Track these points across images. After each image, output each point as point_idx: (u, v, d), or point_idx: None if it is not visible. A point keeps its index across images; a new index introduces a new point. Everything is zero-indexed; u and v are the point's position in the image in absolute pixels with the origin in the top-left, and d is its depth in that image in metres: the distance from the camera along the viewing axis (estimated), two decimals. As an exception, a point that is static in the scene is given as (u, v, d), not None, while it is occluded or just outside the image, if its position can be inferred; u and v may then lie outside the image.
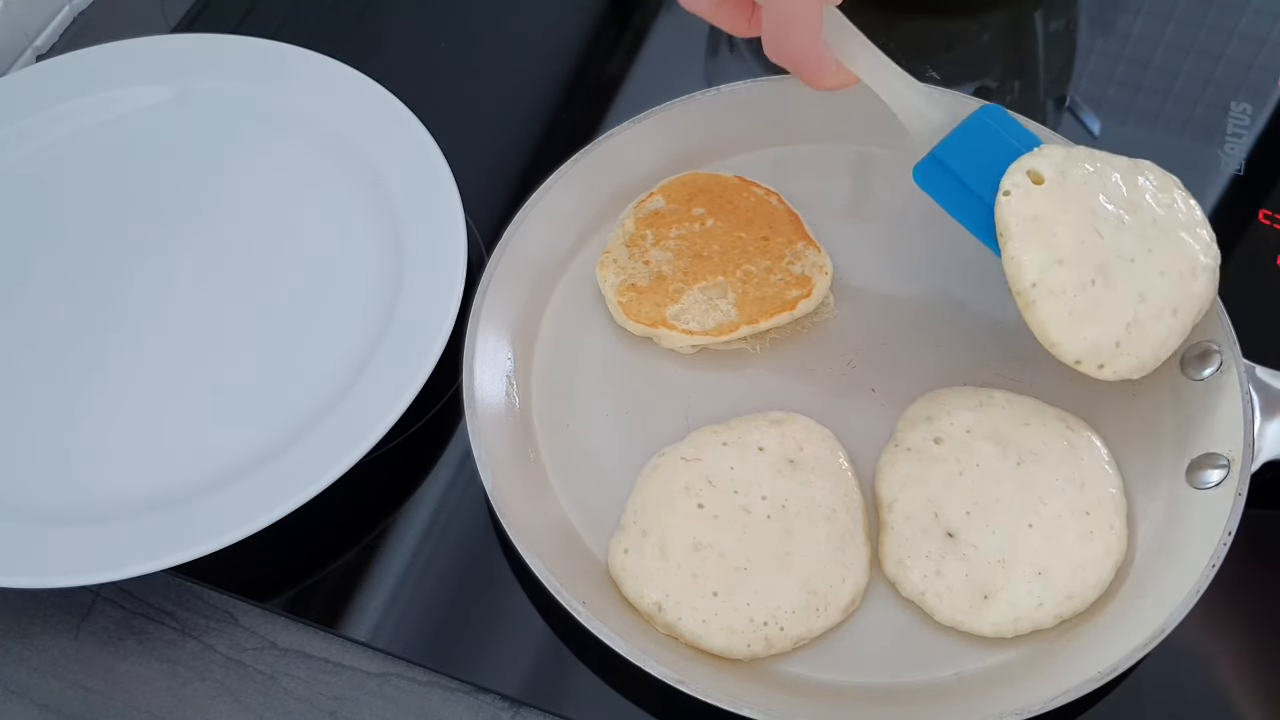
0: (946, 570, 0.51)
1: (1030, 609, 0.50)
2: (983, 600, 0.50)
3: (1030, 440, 0.54)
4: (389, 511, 0.56)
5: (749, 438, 0.54)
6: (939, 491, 0.53)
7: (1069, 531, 0.51)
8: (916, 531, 0.52)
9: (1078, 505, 0.52)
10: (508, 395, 0.57)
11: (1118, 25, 0.75)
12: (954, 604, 0.50)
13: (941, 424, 0.55)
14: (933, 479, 0.53)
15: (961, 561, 0.51)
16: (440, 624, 0.53)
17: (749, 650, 0.50)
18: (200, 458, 0.55)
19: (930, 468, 0.53)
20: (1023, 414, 0.55)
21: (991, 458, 0.53)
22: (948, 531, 0.52)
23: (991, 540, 0.51)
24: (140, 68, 0.69)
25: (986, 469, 0.53)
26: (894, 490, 0.53)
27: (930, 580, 0.51)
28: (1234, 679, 0.51)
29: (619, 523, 0.53)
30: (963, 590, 0.51)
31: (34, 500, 0.54)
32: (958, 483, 0.53)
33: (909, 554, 0.52)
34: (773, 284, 0.59)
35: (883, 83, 0.55)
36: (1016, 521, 0.51)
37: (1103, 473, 0.53)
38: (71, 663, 0.53)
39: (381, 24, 0.76)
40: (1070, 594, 0.50)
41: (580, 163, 0.63)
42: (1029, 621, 0.50)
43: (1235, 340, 0.55)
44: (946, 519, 0.52)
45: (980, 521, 0.52)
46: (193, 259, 0.63)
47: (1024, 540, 0.51)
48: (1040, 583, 0.50)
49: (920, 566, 0.51)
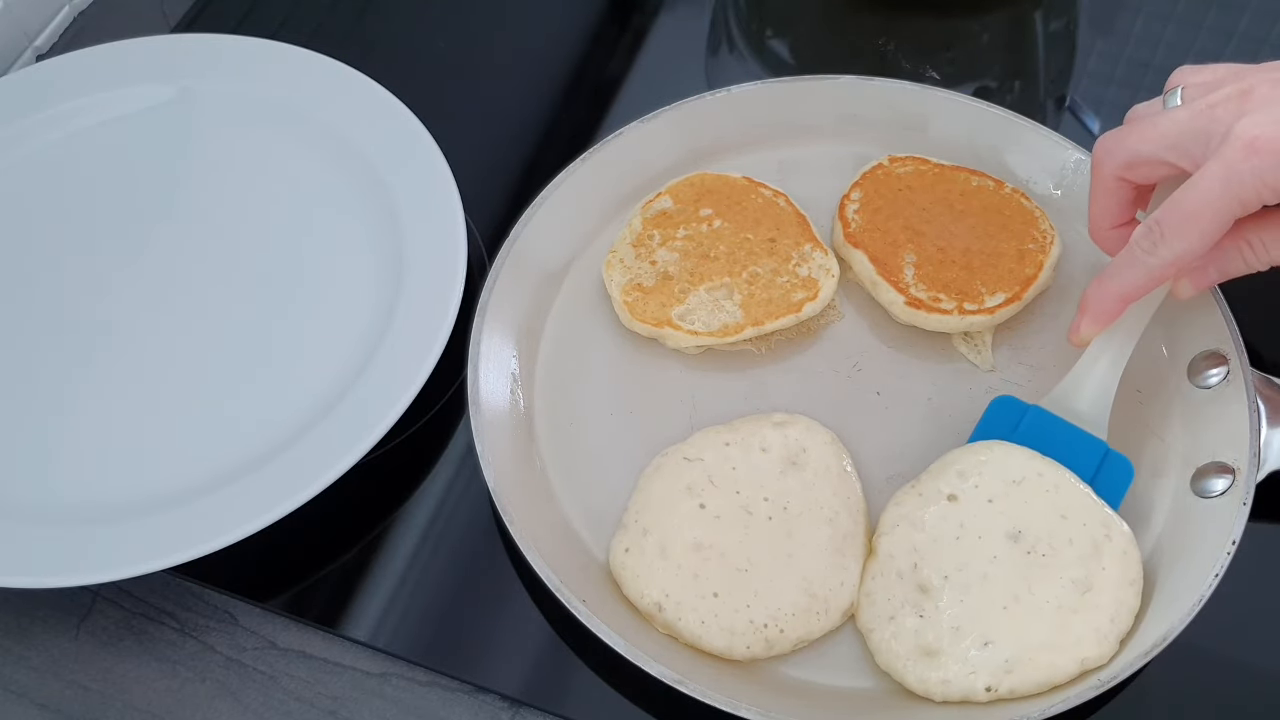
0: (900, 619, 0.49)
1: (962, 676, 0.48)
2: (921, 655, 0.49)
3: (1055, 535, 0.50)
4: (389, 511, 0.56)
5: (752, 438, 0.54)
6: (927, 546, 0.51)
7: (1045, 620, 0.48)
8: (892, 572, 0.50)
9: (1069, 604, 0.49)
10: (511, 394, 0.57)
11: (1118, 25, 0.75)
12: (893, 652, 0.49)
13: (968, 483, 0.52)
14: (927, 532, 0.51)
15: (918, 618, 0.49)
16: (440, 624, 0.53)
17: (749, 652, 0.50)
18: (200, 458, 0.55)
19: (931, 520, 0.51)
20: (1065, 505, 0.51)
21: (998, 537, 0.50)
22: (920, 585, 0.50)
23: (956, 609, 0.49)
24: (140, 68, 0.69)
25: (987, 545, 0.50)
26: (888, 525, 0.52)
27: (882, 622, 0.50)
28: (1236, 687, 0.51)
29: (620, 522, 0.53)
30: (907, 641, 0.49)
31: (34, 500, 0.54)
32: (950, 546, 0.50)
33: (877, 589, 0.50)
34: (779, 286, 0.59)
35: (1098, 368, 0.54)
36: (993, 600, 0.49)
37: (1116, 586, 0.49)
38: (71, 663, 0.53)
39: (381, 24, 0.76)
40: (1010, 668, 0.48)
41: (588, 162, 0.62)
42: (958, 688, 0.48)
43: (1243, 348, 0.55)
44: (924, 574, 0.50)
45: (955, 589, 0.49)
46: (192, 259, 0.63)
47: (989, 616, 0.49)
48: (983, 652, 0.48)
49: (879, 605, 0.50)
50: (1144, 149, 0.49)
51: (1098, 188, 0.52)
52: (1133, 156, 0.50)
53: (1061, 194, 0.63)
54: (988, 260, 0.59)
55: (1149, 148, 0.49)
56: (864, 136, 0.65)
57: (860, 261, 0.60)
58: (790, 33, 0.75)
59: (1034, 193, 0.63)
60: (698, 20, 0.76)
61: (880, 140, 0.65)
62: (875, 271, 0.59)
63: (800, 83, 0.66)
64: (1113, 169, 0.51)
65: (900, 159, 0.63)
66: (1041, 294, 0.60)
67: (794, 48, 0.75)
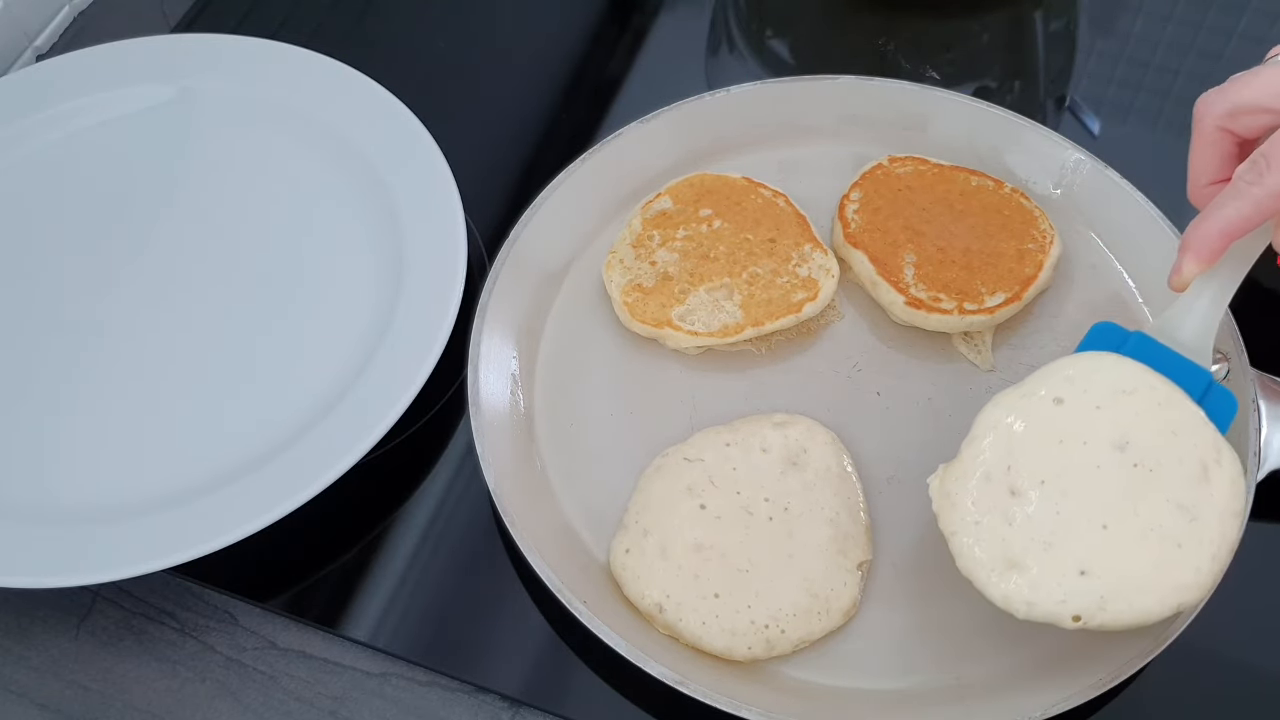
0: (987, 523, 0.47)
1: (1052, 601, 0.45)
2: (1007, 567, 0.46)
3: (1163, 451, 0.47)
4: (389, 511, 0.56)
5: (752, 439, 0.54)
6: (1025, 448, 0.48)
7: (1146, 550, 0.46)
8: (981, 473, 0.48)
9: (1173, 532, 0.46)
10: (512, 395, 0.57)
11: (1118, 25, 0.75)
12: (975, 558, 0.46)
13: (1075, 388, 0.48)
14: (1028, 434, 0.48)
15: (1005, 523, 0.46)
16: (440, 624, 0.53)
17: (749, 652, 0.50)
18: (200, 458, 0.55)
19: (1032, 423, 0.48)
20: (1177, 421, 0.48)
21: (1104, 445, 0.47)
22: (1011, 489, 0.47)
23: (1050, 520, 0.46)
24: (140, 68, 0.69)
25: (1090, 453, 0.47)
26: (984, 426, 0.49)
27: (967, 525, 0.47)
28: (1236, 687, 0.51)
29: (621, 522, 0.53)
30: (992, 549, 0.46)
31: (34, 500, 0.54)
32: (1050, 451, 0.47)
33: (961, 490, 0.47)
34: (779, 286, 0.59)
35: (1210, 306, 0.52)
36: (1091, 515, 0.46)
37: (1221, 517, 0.46)
38: (71, 663, 0.53)
39: (381, 24, 0.76)
40: (1104, 604, 0.45)
41: (588, 162, 0.63)
42: (1043, 611, 0.45)
43: (1244, 349, 0.55)
44: (1017, 477, 0.47)
45: (1051, 497, 0.46)
46: (192, 259, 0.63)
47: (1086, 536, 0.46)
48: (1078, 581, 0.45)
49: (964, 506, 0.47)
50: (1246, 96, 0.49)
51: (1198, 141, 0.52)
52: (1234, 106, 0.50)
53: (1061, 194, 0.63)
54: (988, 260, 0.59)
55: (1252, 95, 0.49)
56: (864, 136, 0.66)
57: (860, 261, 0.60)
58: (790, 33, 0.75)
59: (1034, 193, 0.63)
60: (698, 20, 0.76)
61: (880, 140, 0.65)
62: (875, 271, 0.59)
63: (800, 83, 0.66)
64: (1214, 120, 0.51)
65: (900, 159, 0.63)
66: (1041, 294, 0.60)
67: (794, 48, 0.75)
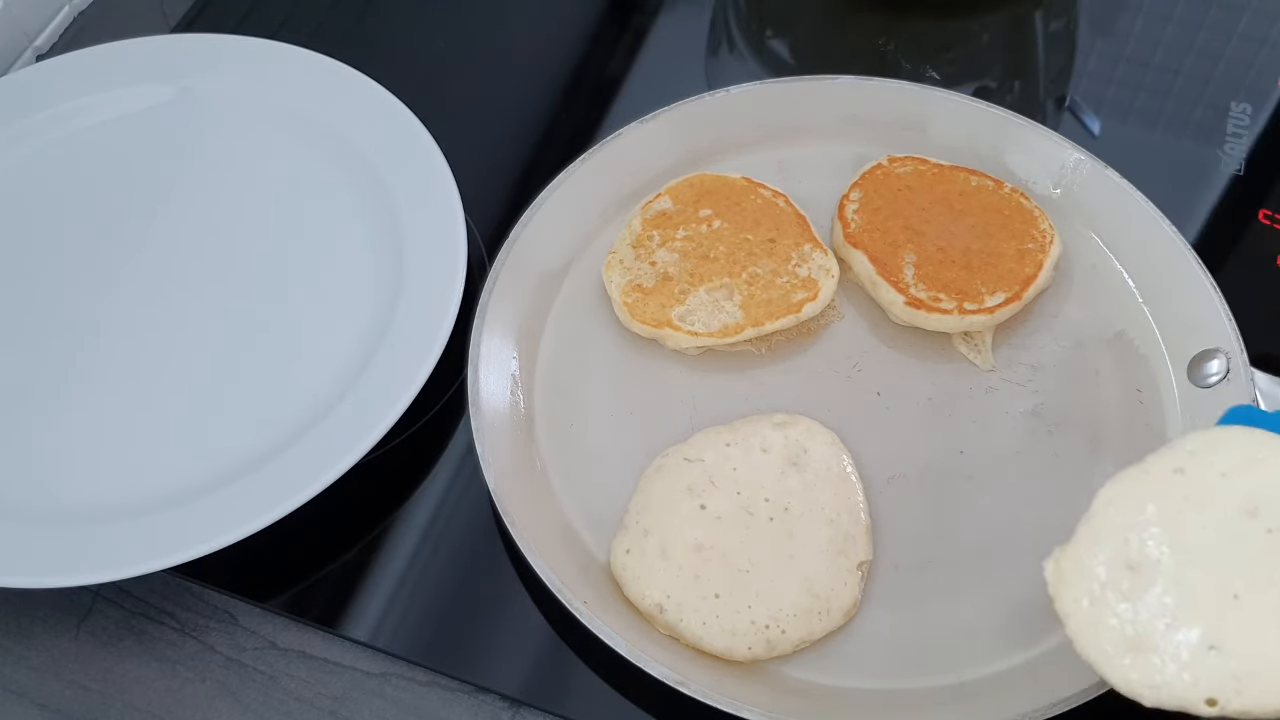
0: (1107, 601, 0.42)
1: (1180, 683, 0.40)
2: (1130, 649, 0.41)
3: None
4: (389, 511, 0.56)
5: (753, 439, 0.54)
6: (1145, 521, 0.43)
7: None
8: (1097, 550, 0.43)
9: None
10: (512, 395, 0.57)
11: (1118, 25, 0.75)
12: (1094, 644, 0.42)
13: (1198, 460, 0.43)
14: (1147, 507, 0.43)
15: (1125, 600, 0.42)
16: (440, 624, 0.53)
17: (750, 652, 0.50)
18: (200, 458, 0.55)
19: (1152, 494, 0.43)
20: None
21: (1232, 512, 0.42)
22: (1129, 563, 0.42)
23: (1174, 594, 0.41)
24: (140, 68, 0.69)
25: (1217, 520, 0.42)
26: (1100, 503, 0.44)
27: (1079, 605, 0.42)
28: None
29: (621, 523, 0.53)
30: (1111, 633, 0.42)
31: (34, 500, 0.54)
32: (1172, 522, 0.42)
33: (1076, 569, 0.43)
34: (779, 286, 0.59)
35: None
36: (1221, 586, 0.41)
37: None
38: (71, 663, 0.53)
39: (381, 24, 0.76)
40: (1240, 685, 0.40)
41: (587, 163, 0.63)
42: (1172, 695, 0.40)
43: (1243, 347, 0.55)
44: (1137, 551, 0.42)
45: (1175, 570, 0.41)
46: (192, 259, 0.63)
47: (1215, 608, 0.41)
48: (1208, 658, 0.40)
49: (1073, 584, 0.43)
50: None
51: None
52: None
53: (1061, 193, 0.63)
54: (987, 260, 0.59)
55: None
56: (864, 136, 0.65)
57: (860, 261, 0.60)
58: (790, 33, 0.75)
59: (1033, 192, 0.63)
60: (698, 20, 0.76)
61: (880, 140, 0.65)
62: (875, 271, 0.59)
63: (800, 83, 0.66)
64: None
65: (900, 159, 0.63)
66: (1041, 294, 0.60)
67: (794, 48, 0.75)
